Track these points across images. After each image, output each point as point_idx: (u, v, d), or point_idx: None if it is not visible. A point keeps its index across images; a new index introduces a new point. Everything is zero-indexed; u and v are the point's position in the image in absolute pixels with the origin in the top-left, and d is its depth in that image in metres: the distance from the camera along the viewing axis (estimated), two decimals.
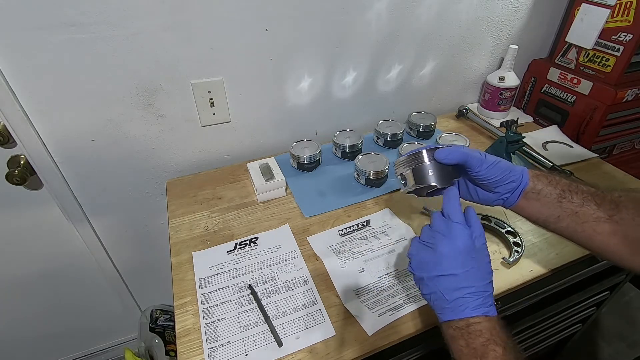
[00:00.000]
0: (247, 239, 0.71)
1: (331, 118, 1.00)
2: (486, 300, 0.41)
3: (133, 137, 0.82)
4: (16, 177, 0.75)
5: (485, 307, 0.40)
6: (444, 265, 0.41)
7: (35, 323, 1.06)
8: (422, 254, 0.44)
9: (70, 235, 0.91)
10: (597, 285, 0.85)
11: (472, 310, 0.40)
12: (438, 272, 0.42)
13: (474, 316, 0.40)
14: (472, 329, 0.39)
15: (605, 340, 1.32)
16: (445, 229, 0.43)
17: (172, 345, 1.06)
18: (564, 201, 0.46)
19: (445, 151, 0.46)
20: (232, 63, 0.81)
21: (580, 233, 0.46)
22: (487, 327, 0.39)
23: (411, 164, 0.48)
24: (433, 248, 0.43)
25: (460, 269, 0.41)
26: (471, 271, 0.41)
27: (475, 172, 0.46)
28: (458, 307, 0.40)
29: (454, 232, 0.42)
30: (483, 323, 0.39)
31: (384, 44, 0.93)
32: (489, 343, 0.38)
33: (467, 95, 1.17)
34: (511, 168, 0.47)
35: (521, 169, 0.48)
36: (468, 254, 0.41)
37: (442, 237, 0.43)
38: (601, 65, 0.97)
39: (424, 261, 0.43)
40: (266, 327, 0.56)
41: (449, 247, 0.42)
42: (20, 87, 0.69)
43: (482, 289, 0.41)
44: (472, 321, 0.40)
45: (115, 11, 0.67)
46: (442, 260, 0.42)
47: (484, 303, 0.40)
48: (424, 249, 0.44)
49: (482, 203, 0.51)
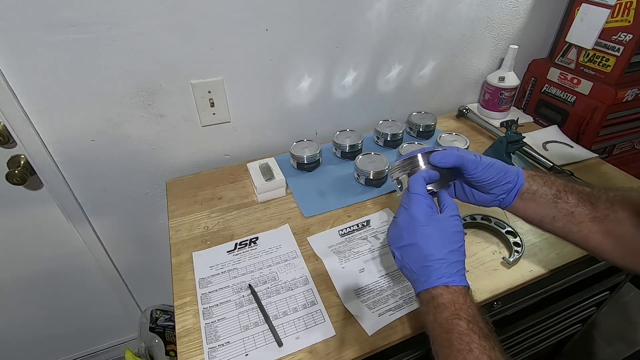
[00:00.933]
0: (247, 239, 0.71)
1: (331, 118, 1.00)
2: (450, 268, 0.40)
3: (133, 137, 0.82)
4: (16, 177, 0.75)
5: (447, 277, 0.39)
6: (404, 236, 0.42)
7: (35, 323, 1.06)
8: (390, 228, 0.45)
9: (70, 235, 0.91)
10: (597, 285, 0.85)
11: (435, 280, 0.39)
12: (400, 242, 0.42)
13: (435, 286, 0.39)
14: (437, 302, 0.39)
15: (605, 340, 1.32)
16: (405, 201, 0.44)
17: (172, 345, 1.06)
18: (559, 201, 0.46)
19: (440, 155, 0.46)
20: (232, 63, 0.81)
21: (576, 233, 0.46)
22: (449, 300, 0.38)
23: (406, 169, 0.48)
24: (395, 221, 0.44)
25: (419, 238, 0.41)
26: (431, 239, 0.41)
27: (471, 175, 0.46)
28: (422, 278, 0.40)
29: (411, 202, 0.43)
30: (445, 295, 0.38)
31: (384, 44, 0.93)
32: (452, 317, 0.37)
33: (467, 95, 1.17)
34: (506, 169, 0.47)
35: (516, 169, 0.48)
36: (426, 222, 0.41)
37: (403, 209, 0.44)
38: (601, 65, 0.97)
39: (391, 235, 0.44)
40: (266, 327, 0.56)
41: (407, 217, 0.43)
42: (20, 87, 0.69)
43: (444, 256, 0.40)
44: (435, 293, 0.39)
45: (115, 11, 0.67)
46: (402, 231, 0.42)
47: (446, 273, 0.39)
48: (392, 224, 0.45)
49: (478, 204, 0.52)
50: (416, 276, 0.41)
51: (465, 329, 0.36)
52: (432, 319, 0.38)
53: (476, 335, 0.36)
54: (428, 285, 0.40)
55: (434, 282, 0.39)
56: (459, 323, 0.36)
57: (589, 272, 0.76)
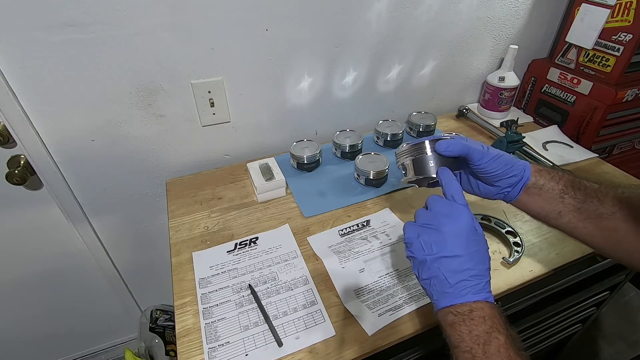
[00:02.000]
0: (247, 239, 0.71)
1: (331, 118, 1.00)
2: (486, 286, 0.40)
3: (133, 137, 0.82)
4: (16, 177, 0.75)
5: (486, 292, 0.39)
6: (449, 246, 0.40)
7: (35, 323, 1.06)
8: (425, 237, 0.42)
9: (70, 235, 0.91)
10: (597, 285, 0.85)
11: (474, 294, 0.39)
12: (443, 253, 0.40)
13: (476, 301, 0.38)
14: (474, 314, 0.38)
15: (605, 340, 1.32)
16: (449, 210, 0.42)
17: (172, 345, 1.06)
18: (566, 197, 0.46)
19: (447, 143, 0.45)
20: (232, 63, 0.81)
21: (581, 229, 0.46)
22: (489, 314, 0.38)
23: (413, 154, 0.48)
24: (437, 229, 0.41)
25: (464, 250, 0.40)
26: (474, 254, 0.40)
27: (477, 165, 0.46)
28: (460, 291, 0.39)
29: (458, 213, 0.41)
30: (485, 309, 0.38)
31: (384, 44, 0.93)
32: (492, 331, 0.37)
33: (467, 95, 1.17)
34: (513, 162, 0.47)
35: (524, 163, 0.47)
36: (471, 236, 0.40)
37: (445, 218, 0.41)
38: (601, 65, 0.97)
39: (428, 242, 0.41)
40: (266, 327, 0.56)
41: (455, 227, 0.40)
42: (20, 87, 0.69)
43: (484, 273, 0.40)
44: (475, 306, 0.38)
45: (115, 11, 0.67)
46: (447, 240, 0.40)
47: (484, 288, 0.39)
48: (426, 231, 0.42)
49: (483, 196, 0.51)
50: (451, 289, 0.40)
51: (504, 342, 0.36)
52: (467, 330, 0.38)
53: (513, 351, 0.36)
54: (467, 299, 0.39)
55: (474, 297, 0.39)
56: (497, 337, 0.37)
57: (589, 272, 0.76)
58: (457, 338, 0.38)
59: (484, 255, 0.41)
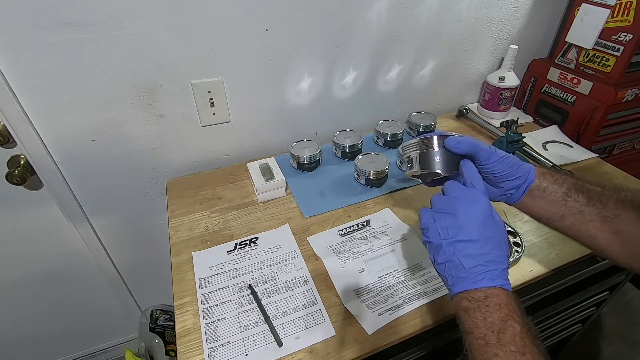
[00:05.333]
0: (247, 239, 0.71)
1: (331, 118, 1.00)
2: (503, 272, 0.39)
3: (133, 137, 0.82)
4: (16, 177, 0.75)
5: (503, 279, 0.39)
6: (465, 230, 0.40)
7: (35, 323, 1.06)
8: (441, 222, 0.41)
9: (70, 235, 0.91)
10: (597, 285, 0.85)
11: (490, 280, 0.38)
12: (458, 237, 0.40)
13: (491, 287, 0.38)
14: (489, 301, 0.38)
15: (606, 340, 1.32)
16: (466, 196, 0.42)
17: (172, 345, 1.06)
18: (569, 200, 0.46)
19: (455, 140, 0.45)
20: (232, 63, 0.81)
21: (584, 232, 0.46)
22: (505, 302, 0.37)
23: (420, 148, 0.48)
24: (454, 213, 0.41)
25: (480, 235, 0.39)
26: (491, 239, 0.40)
27: (483, 165, 0.46)
28: (475, 276, 0.39)
29: (475, 197, 0.41)
30: (501, 296, 0.38)
31: (384, 44, 0.93)
32: (507, 319, 0.36)
33: (467, 95, 1.17)
34: (519, 164, 0.47)
35: (529, 166, 0.48)
36: (488, 221, 0.40)
37: (463, 203, 0.41)
38: (601, 65, 0.97)
39: (444, 227, 0.41)
40: (266, 327, 0.56)
41: (471, 211, 0.41)
42: (20, 87, 0.69)
43: (501, 259, 0.40)
44: (490, 292, 0.38)
45: (115, 11, 0.67)
46: (464, 224, 0.40)
47: (501, 275, 0.39)
48: (442, 216, 0.42)
49: None
50: (466, 274, 0.39)
51: (519, 331, 0.36)
52: (481, 317, 0.37)
53: (529, 340, 0.36)
54: (482, 284, 0.38)
55: (490, 283, 0.38)
56: (513, 325, 0.36)
57: (589, 272, 0.76)
58: (470, 324, 0.38)
59: (502, 241, 0.41)
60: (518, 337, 0.35)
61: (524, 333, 0.36)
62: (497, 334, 0.36)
